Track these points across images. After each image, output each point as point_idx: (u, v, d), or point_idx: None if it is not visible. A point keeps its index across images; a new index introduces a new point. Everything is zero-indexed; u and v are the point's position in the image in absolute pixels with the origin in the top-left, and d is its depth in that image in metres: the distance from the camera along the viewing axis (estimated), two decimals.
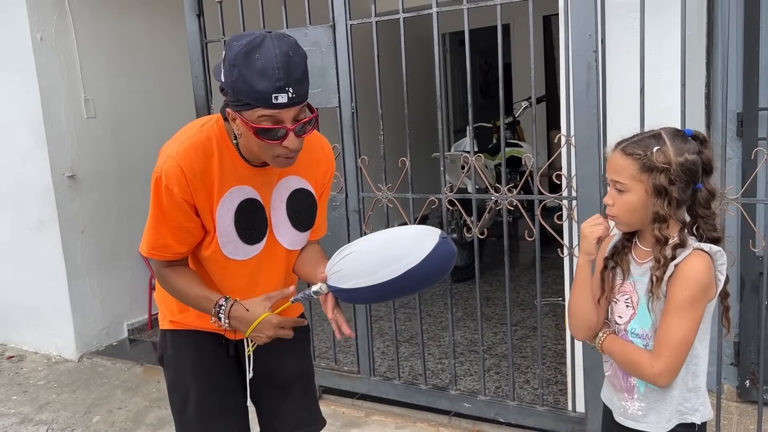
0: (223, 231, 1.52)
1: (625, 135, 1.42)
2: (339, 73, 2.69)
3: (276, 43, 1.32)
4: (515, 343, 3.62)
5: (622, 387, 1.47)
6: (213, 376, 1.69)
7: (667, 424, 1.41)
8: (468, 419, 2.77)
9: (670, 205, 1.31)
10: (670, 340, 1.32)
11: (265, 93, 1.31)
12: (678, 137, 1.34)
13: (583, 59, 2.15)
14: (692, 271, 1.31)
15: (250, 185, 1.53)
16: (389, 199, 2.71)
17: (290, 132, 1.37)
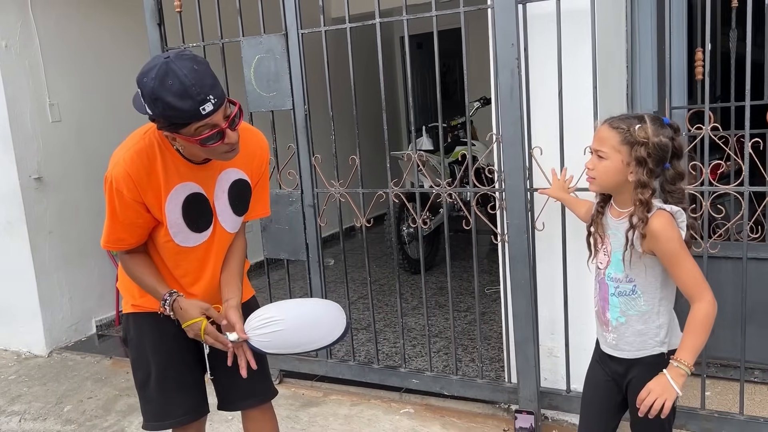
0: (173, 223, 1.74)
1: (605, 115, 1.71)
2: (292, 78, 2.91)
3: (179, 64, 1.49)
4: (465, 327, 3.88)
5: (602, 321, 1.76)
6: (172, 353, 1.89)
7: (637, 353, 1.68)
8: (417, 394, 3.02)
9: (647, 174, 1.57)
10: (695, 278, 1.58)
11: (193, 110, 1.50)
12: (657, 122, 1.60)
13: (507, 66, 2.41)
14: (660, 224, 1.57)
15: (193, 181, 1.75)
16: (342, 194, 2.94)
17: (226, 129, 1.59)
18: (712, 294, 1.59)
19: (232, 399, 2.00)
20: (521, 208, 2.48)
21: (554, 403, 2.65)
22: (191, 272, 1.85)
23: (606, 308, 1.73)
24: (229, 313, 1.82)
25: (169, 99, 1.48)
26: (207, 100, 1.50)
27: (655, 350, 1.67)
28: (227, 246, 1.91)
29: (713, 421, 2.39)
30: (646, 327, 1.66)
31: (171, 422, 1.91)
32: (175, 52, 1.54)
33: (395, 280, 4.96)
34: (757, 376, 2.99)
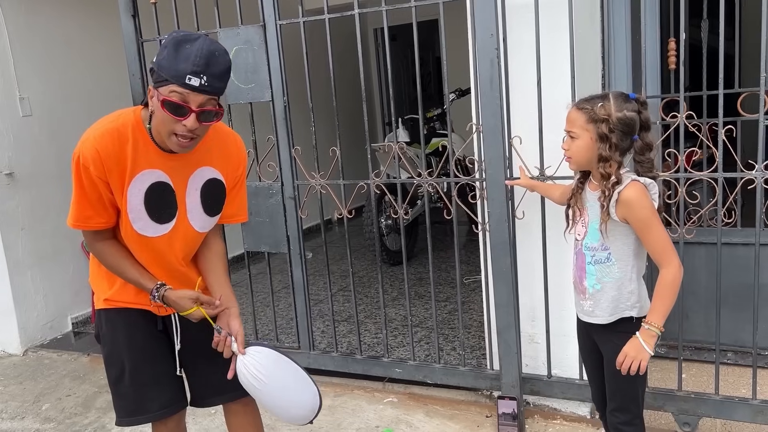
0: (133, 208, 1.73)
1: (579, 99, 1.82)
2: (271, 70, 2.89)
3: (208, 43, 1.57)
4: (445, 317, 3.92)
5: (579, 289, 1.87)
6: (145, 348, 1.88)
7: (611, 317, 1.81)
8: (400, 384, 3.05)
9: (610, 149, 1.68)
10: (664, 245, 1.70)
11: (182, 72, 1.54)
12: (621, 98, 1.71)
13: (487, 56, 2.43)
14: (633, 194, 1.68)
15: (161, 169, 1.74)
16: (322, 185, 2.94)
17: (192, 113, 1.59)
18: (679, 260, 1.73)
19: (208, 394, 1.98)
20: (502, 197, 2.50)
21: (535, 389, 2.69)
22: (155, 265, 1.83)
23: (583, 277, 1.84)
24: (233, 324, 1.85)
25: (173, 53, 1.54)
26: (199, 75, 1.54)
27: (625, 313, 1.80)
28: (195, 245, 1.90)
29: (690, 401, 2.46)
30: (619, 293, 1.78)
31: (146, 417, 1.89)
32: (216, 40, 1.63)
33: (374, 272, 5.02)
34: (730, 357, 3.08)
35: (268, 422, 2.84)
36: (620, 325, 1.81)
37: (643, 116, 1.74)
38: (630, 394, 1.85)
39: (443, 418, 2.79)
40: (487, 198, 2.55)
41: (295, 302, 3.13)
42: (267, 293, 3.89)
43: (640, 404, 1.88)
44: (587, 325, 1.91)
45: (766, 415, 2.35)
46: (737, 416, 2.41)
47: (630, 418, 1.86)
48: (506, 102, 2.51)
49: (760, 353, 3.00)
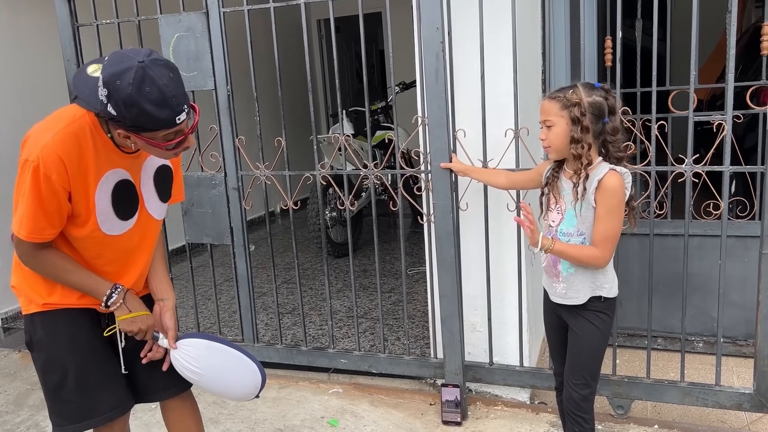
0: (102, 211, 1.67)
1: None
2: (214, 58, 2.84)
3: (157, 72, 1.46)
4: (390, 308, 3.95)
5: (552, 273, 1.96)
6: (91, 348, 1.79)
7: (584, 297, 1.90)
8: (345, 374, 3.06)
9: (582, 131, 1.80)
10: (610, 236, 1.83)
11: (169, 119, 1.50)
12: (588, 86, 1.84)
13: (432, 49, 2.46)
14: (613, 183, 1.79)
15: (122, 168, 1.70)
16: (267, 176, 2.91)
17: (189, 134, 1.60)
18: (610, 256, 1.87)
19: (151, 390, 1.93)
20: (447, 189, 2.54)
21: (478, 376, 2.75)
22: (115, 261, 1.77)
23: (557, 261, 1.94)
24: (165, 316, 1.83)
25: (147, 107, 1.46)
26: (183, 110, 1.52)
27: (596, 293, 1.91)
28: (156, 233, 1.87)
29: (623, 385, 2.57)
30: (591, 273, 1.90)
31: (96, 421, 1.80)
32: (146, 53, 1.48)
33: (319, 264, 5.02)
34: (660, 343, 3.23)
35: (212, 416, 2.81)
36: (591, 304, 1.92)
37: (610, 101, 1.85)
38: (591, 370, 1.97)
39: (388, 406, 2.82)
40: (432, 190, 2.59)
41: (238, 295, 3.09)
42: (209, 286, 3.83)
43: (597, 380, 2.00)
44: (556, 305, 2.00)
45: (692, 397, 2.48)
46: (667, 398, 2.54)
47: (587, 393, 1.97)
48: (451, 95, 2.55)
49: (688, 339, 3.16)
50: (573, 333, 1.97)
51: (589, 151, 1.83)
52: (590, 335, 1.93)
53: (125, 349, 1.84)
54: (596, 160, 1.86)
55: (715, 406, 2.48)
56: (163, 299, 1.86)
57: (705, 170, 2.37)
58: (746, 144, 4.00)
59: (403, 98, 4.87)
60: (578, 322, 1.95)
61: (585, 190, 1.83)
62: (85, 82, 1.54)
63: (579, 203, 1.86)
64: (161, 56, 1.52)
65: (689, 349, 3.16)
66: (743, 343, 3.15)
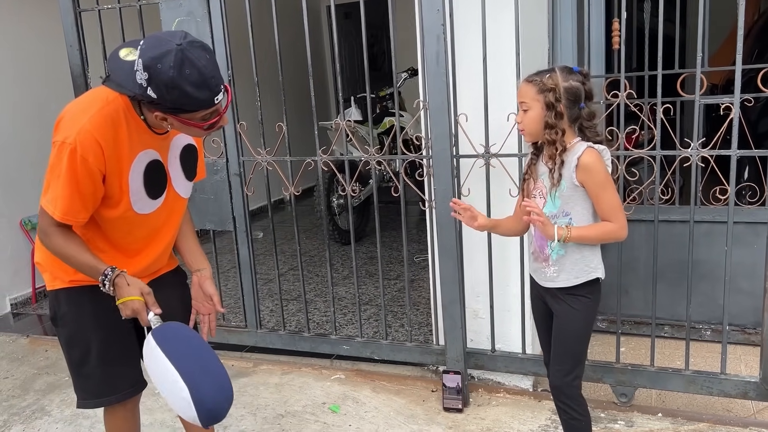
0: (135, 191, 1.70)
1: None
2: (215, 43, 2.82)
3: (195, 54, 1.49)
4: (394, 294, 3.94)
5: (541, 258, 1.93)
6: (112, 325, 1.80)
7: (576, 280, 1.87)
8: (348, 361, 3.05)
9: (556, 117, 1.78)
10: (614, 206, 1.80)
11: (209, 100, 1.54)
12: (566, 70, 1.82)
13: (433, 32, 2.42)
14: (591, 158, 1.77)
15: (153, 148, 1.73)
16: (269, 162, 2.90)
17: (225, 112, 1.63)
18: (626, 222, 1.82)
19: None
20: (448, 174, 2.51)
21: (480, 363, 2.73)
22: (143, 239, 1.81)
23: (544, 245, 1.91)
24: (205, 285, 1.89)
25: (188, 89, 1.48)
26: (220, 90, 1.55)
27: (590, 276, 1.88)
28: (182, 211, 1.90)
29: (627, 373, 2.53)
30: (582, 255, 1.87)
31: (116, 396, 1.84)
32: (181, 36, 1.50)
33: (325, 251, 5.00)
34: (667, 331, 3.19)
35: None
36: (580, 288, 1.89)
37: (587, 87, 1.83)
38: (574, 355, 1.94)
39: (389, 393, 2.81)
40: (433, 175, 2.55)
41: (241, 281, 3.09)
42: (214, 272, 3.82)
43: (581, 366, 1.97)
44: (543, 290, 1.97)
45: (697, 385, 2.45)
46: (671, 386, 2.50)
47: (571, 379, 1.94)
48: (452, 79, 2.51)
49: (694, 327, 3.11)
50: (556, 318, 1.95)
51: (563, 136, 1.81)
52: (573, 320, 1.91)
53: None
54: (573, 141, 1.84)
55: (720, 394, 2.44)
56: (200, 269, 1.92)
57: (711, 154, 2.32)
58: (760, 129, 3.92)
59: (413, 84, 4.81)
60: (561, 306, 1.92)
61: (561, 177, 1.82)
62: (120, 66, 1.55)
63: (557, 186, 1.84)
64: (196, 38, 1.55)
65: (697, 337, 3.11)
66: (752, 331, 3.09)
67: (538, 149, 1.95)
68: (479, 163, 2.56)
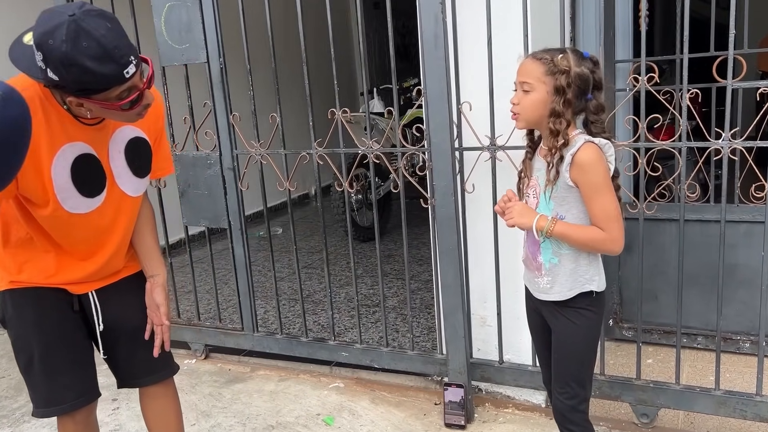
0: (61, 188, 1.53)
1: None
2: (206, 28, 2.65)
3: (92, 23, 1.33)
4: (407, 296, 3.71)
5: (533, 266, 1.71)
6: (56, 331, 1.70)
7: (569, 292, 1.65)
8: (349, 368, 2.86)
9: (564, 104, 1.55)
10: (609, 213, 1.56)
11: (117, 74, 1.36)
12: (577, 54, 1.59)
13: (431, 11, 2.19)
14: (589, 156, 1.53)
15: (83, 141, 1.56)
16: (263, 155, 2.72)
17: (144, 90, 1.45)
18: (621, 235, 1.58)
19: (133, 375, 1.84)
20: (447, 168, 2.28)
21: (486, 375, 2.50)
22: (86, 240, 1.66)
23: (537, 252, 1.68)
24: (155, 293, 1.76)
25: (87, 64, 1.31)
26: (129, 62, 1.38)
27: (585, 287, 1.65)
28: (133, 210, 1.74)
29: (648, 391, 2.27)
30: (577, 265, 1.64)
31: (61, 408, 1.71)
32: (77, 5, 1.33)
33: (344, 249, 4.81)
34: (700, 342, 2.89)
35: (205, 409, 2.67)
36: (577, 300, 1.66)
37: (596, 76, 1.61)
38: (577, 376, 1.71)
39: (389, 405, 2.60)
40: (432, 169, 2.33)
41: (237, 282, 2.93)
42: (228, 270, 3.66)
43: (587, 387, 1.73)
44: (538, 303, 1.75)
45: (728, 407, 2.17)
46: (698, 407, 2.22)
47: (575, 404, 1.71)
48: (455, 63, 2.28)
49: (731, 338, 2.81)
50: (554, 335, 1.72)
51: (568, 128, 1.58)
52: (572, 336, 1.67)
53: (103, 333, 1.75)
54: (573, 133, 1.60)
55: (755, 418, 2.15)
56: (153, 275, 1.79)
57: (745, 146, 2.03)
58: None
59: None
60: (559, 321, 1.69)
61: (558, 174, 1.58)
62: (23, 52, 1.41)
63: (552, 185, 1.60)
64: (96, 7, 1.37)
65: (734, 350, 2.81)
66: None
67: (534, 142, 1.73)
68: (484, 157, 2.33)
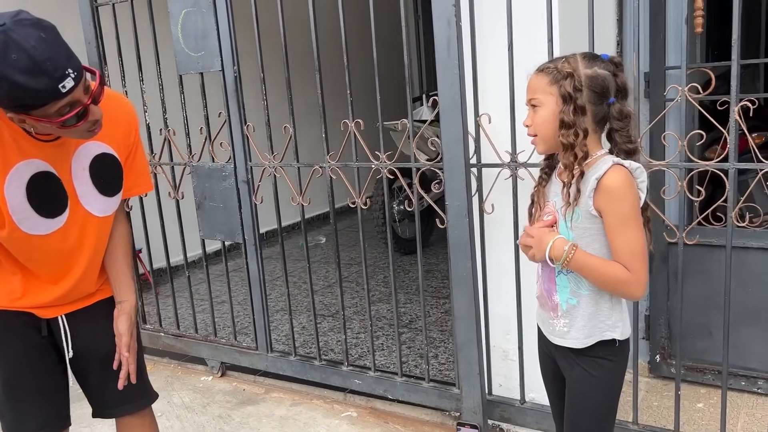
0: (16, 208, 1.44)
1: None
2: (220, 35, 2.54)
3: (22, 33, 1.21)
4: (440, 317, 3.50)
5: (548, 305, 1.49)
6: (21, 358, 1.61)
7: (587, 339, 1.43)
8: (362, 396, 2.68)
9: (575, 112, 1.34)
10: (635, 250, 1.34)
11: (51, 88, 1.24)
12: (590, 57, 1.40)
13: (443, 15, 1.98)
14: (617, 181, 1.32)
15: (40, 158, 1.46)
16: (276, 168, 2.58)
17: (89, 105, 1.33)
18: (645, 277, 1.35)
19: (106, 405, 1.73)
20: (461, 187, 2.07)
21: (506, 415, 2.26)
22: (50, 263, 1.56)
23: (553, 290, 1.47)
24: (119, 320, 1.64)
25: (17, 78, 1.21)
26: (66, 75, 1.25)
27: (605, 335, 1.43)
28: (101, 231, 1.62)
29: None
30: (597, 309, 1.43)
31: None
32: (10, 15, 1.23)
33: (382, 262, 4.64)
34: (762, 387, 2.53)
35: None
36: (596, 349, 1.44)
37: (619, 79, 1.39)
38: None
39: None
40: (444, 187, 2.12)
41: (252, 299, 2.80)
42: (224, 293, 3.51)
43: None
44: (552, 347, 1.53)
45: None
46: None
47: None
48: (473, 71, 2.07)
49: None
50: (568, 386, 1.49)
51: (585, 139, 1.36)
52: (589, 390, 1.44)
53: (73, 359, 1.65)
54: (598, 152, 1.39)
55: None
56: (120, 301, 1.67)
57: None
58: None
59: None
60: (574, 371, 1.46)
61: (579, 193, 1.36)
62: None
63: (572, 210, 1.37)
64: (32, 16, 1.25)
65: None
66: None
67: (551, 167, 1.51)
68: (505, 174, 2.10)
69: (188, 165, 2.79)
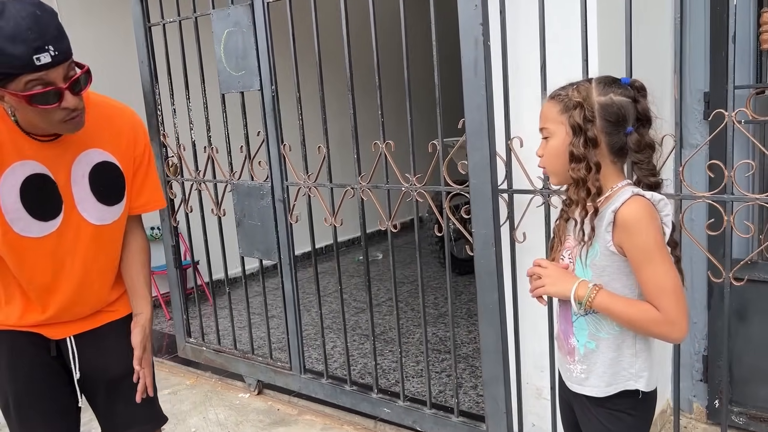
0: (9, 208, 1.45)
1: None
2: (259, 55, 2.55)
3: (18, 6, 1.25)
4: None
5: (565, 348, 1.40)
6: (30, 379, 1.61)
7: (608, 388, 1.32)
8: (393, 426, 2.58)
9: (586, 144, 1.25)
10: (664, 287, 1.21)
11: (25, 57, 1.24)
12: (607, 82, 1.29)
13: (470, 34, 1.88)
14: (635, 213, 1.21)
15: (36, 160, 1.45)
16: (311, 188, 2.55)
17: (65, 91, 1.31)
18: (681, 316, 1.21)
19: (114, 425, 1.71)
20: (488, 214, 1.96)
21: None
22: (44, 270, 1.53)
23: (570, 332, 1.36)
24: (134, 333, 1.61)
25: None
26: (44, 49, 1.25)
27: (628, 384, 1.30)
28: (103, 241, 1.60)
29: None
30: (619, 354, 1.31)
31: None
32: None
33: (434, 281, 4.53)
34: None
35: None
36: (617, 401, 1.31)
37: (641, 107, 1.27)
38: None
39: None
40: (471, 213, 2.02)
41: (286, 318, 2.78)
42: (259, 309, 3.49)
43: None
44: (570, 394, 1.41)
45: None
46: None
47: None
48: (504, 93, 1.96)
49: None
50: None
51: (598, 173, 1.24)
52: None
53: (81, 380, 1.64)
54: (618, 184, 1.28)
55: None
56: (137, 314, 1.65)
57: None
58: None
59: None
60: (591, 424, 1.33)
61: (593, 232, 1.24)
62: None
63: (585, 249, 1.26)
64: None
65: None
66: None
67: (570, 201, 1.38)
68: (537, 201, 1.97)
69: (229, 183, 2.81)
